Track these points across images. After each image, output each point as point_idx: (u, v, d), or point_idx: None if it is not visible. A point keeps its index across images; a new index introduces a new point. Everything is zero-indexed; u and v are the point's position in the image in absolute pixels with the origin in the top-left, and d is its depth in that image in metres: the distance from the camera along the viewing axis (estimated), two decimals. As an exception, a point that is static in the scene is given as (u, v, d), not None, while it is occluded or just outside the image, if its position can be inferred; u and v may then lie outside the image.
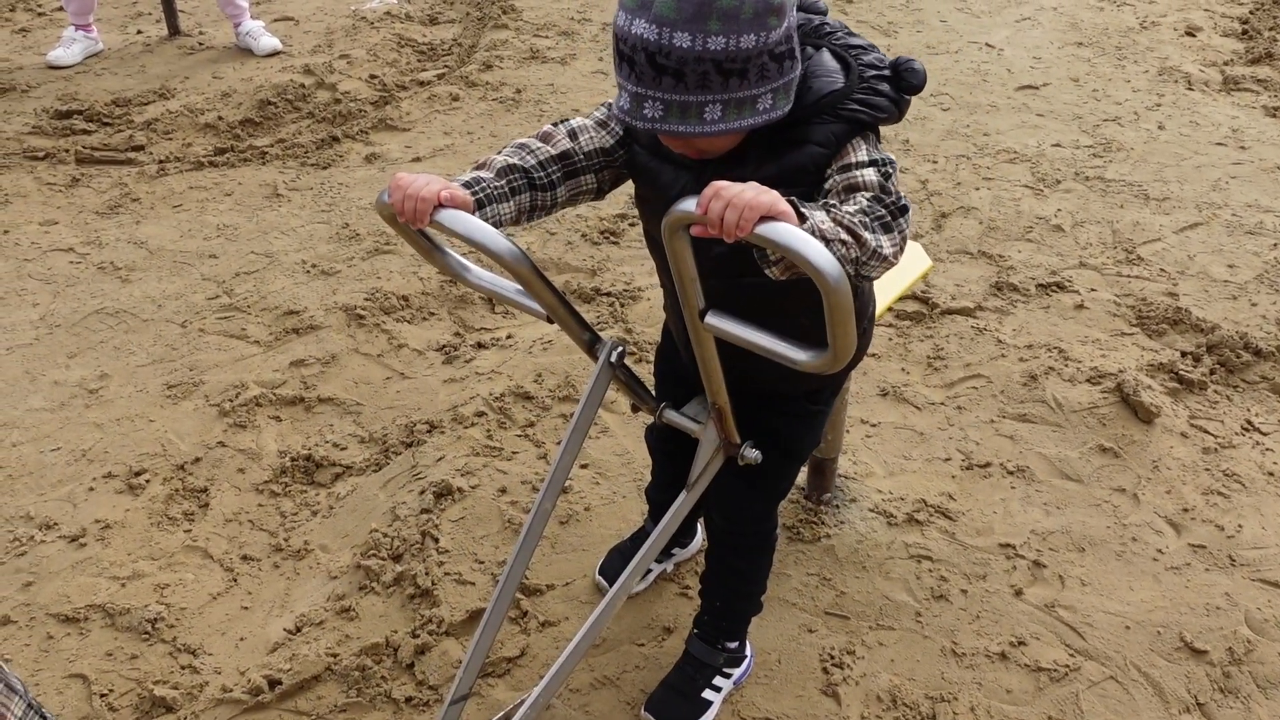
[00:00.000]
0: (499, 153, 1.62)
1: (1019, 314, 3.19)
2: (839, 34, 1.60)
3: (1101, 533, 2.45)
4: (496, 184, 1.56)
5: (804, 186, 1.53)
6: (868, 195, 1.46)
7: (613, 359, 1.74)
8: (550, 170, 1.62)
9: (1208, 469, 2.61)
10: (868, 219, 1.42)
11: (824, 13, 1.63)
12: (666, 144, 1.56)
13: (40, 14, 5.57)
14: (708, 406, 1.79)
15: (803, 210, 1.34)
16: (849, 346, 1.40)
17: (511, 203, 1.58)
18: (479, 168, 1.58)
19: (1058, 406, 2.82)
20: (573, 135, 1.65)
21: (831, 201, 1.43)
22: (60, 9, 5.59)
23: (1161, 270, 3.39)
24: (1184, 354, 2.99)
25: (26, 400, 2.87)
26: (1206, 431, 2.73)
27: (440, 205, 1.46)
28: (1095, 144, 4.17)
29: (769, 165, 1.54)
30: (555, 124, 1.68)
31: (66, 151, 4.15)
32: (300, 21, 5.45)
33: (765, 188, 1.30)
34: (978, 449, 2.70)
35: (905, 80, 1.54)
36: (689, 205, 1.35)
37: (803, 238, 1.30)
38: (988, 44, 5.11)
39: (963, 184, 3.91)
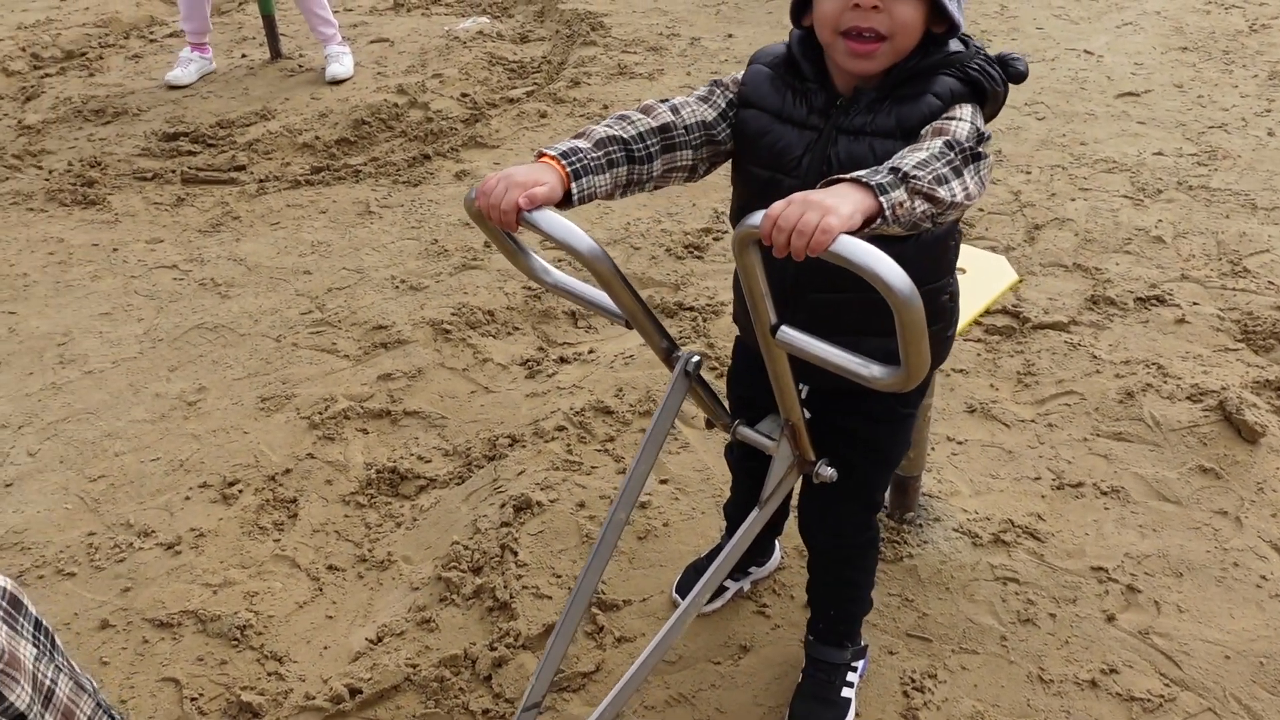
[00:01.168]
0: (599, 123, 1.62)
1: (1115, 329, 3.09)
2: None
3: (1201, 557, 2.34)
4: (594, 154, 1.55)
5: (916, 141, 1.54)
6: (944, 139, 1.45)
7: (689, 369, 1.73)
8: (649, 142, 1.60)
9: (1317, 492, 2.49)
10: (941, 165, 1.40)
11: None
12: (855, 12, 1.52)
13: (152, 40, 5.81)
14: (781, 423, 1.77)
15: (881, 199, 1.32)
16: (923, 364, 1.38)
17: (608, 175, 1.57)
18: (578, 136, 1.58)
19: (1156, 425, 2.71)
20: (674, 110, 1.64)
21: (901, 162, 1.39)
22: (172, 35, 5.84)
23: (1270, 283, 3.24)
24: (1293, 370, 2.86)
25: (130, 412, 2.98)
26: (1317, 452, 2.60)
27: (521, 211, 1.47)
28: (1200, 152, 4.02)
29: (887, 118, 1.56)
30: (657, 100, 1.67)
31: (173, 172, 4.32)
32: (395, 43, 5.58)
33: (837, 199, 1.29)
34: (1069, 468, 2.61)
35: (1011, 68, 1.61)
36: (756, 220, 1.34)
37: (873, 254, 1.28)
38: (1086, 50, 4.97)
39: (1058, 195, 3.80)
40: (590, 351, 3.12)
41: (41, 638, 1.29)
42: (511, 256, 1.68)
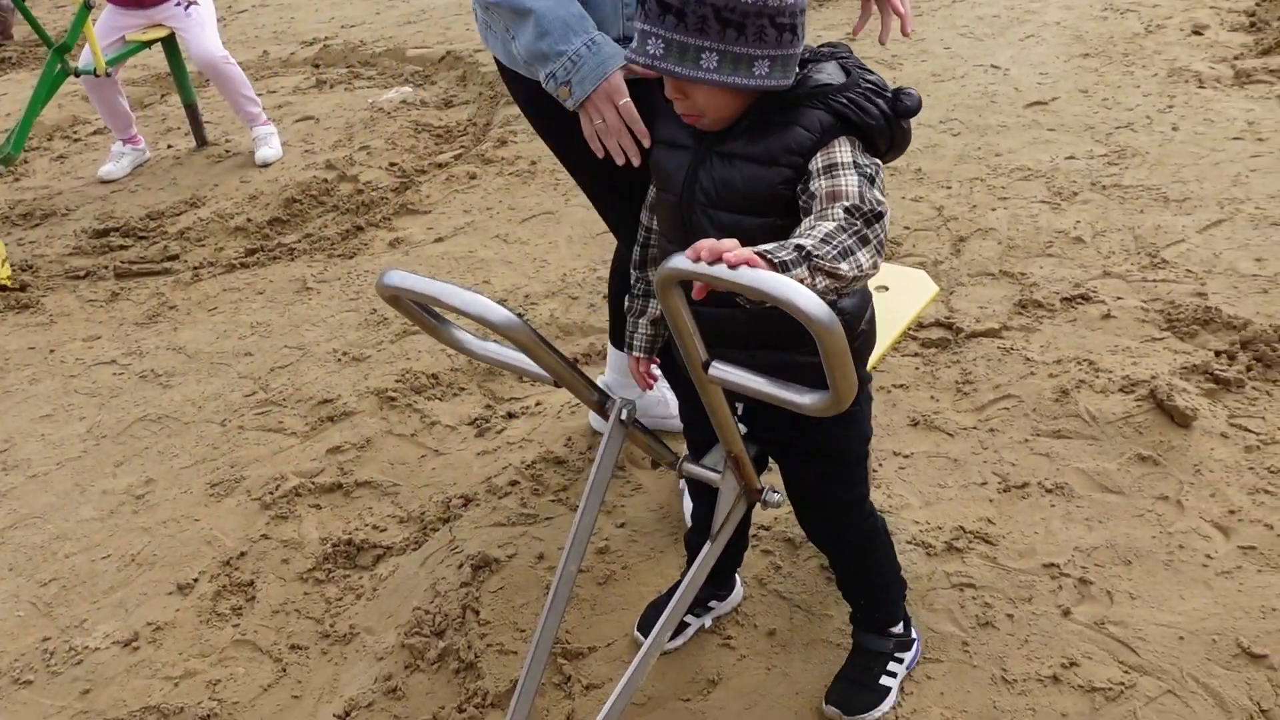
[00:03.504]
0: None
1: (1045, 330, 3.16)
2: (851, 59, 1.70)
3: (1147, 543, 2.40)
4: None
5: (785, 168, 1.61)
6: (845, 205, 1.51)
7: (623, 417, 1.76)
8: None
9: (1252, 468, 2.56)
10: (846, 237, 1.45)
11: (848, 53, 1.73)
12: (671, 98, 1.64)
13: (76, 140, 5.81)
14: (724, 455, 1.80)
15: (782, 264, 1.37)
16: (850, 386, 1.41)
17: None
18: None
19: (1092, 419, 2.78)
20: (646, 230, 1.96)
21: (805, 239, 1.45)
22: (96, 133, 5.83)
23: (1188, 271, 3.35)
24: (1218, 353, 2.94)
25: (77, 511, 2.95)
26: (1248, 430, 2.67)
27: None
28: (1109, 152, 4.15)
29: (757, 145, 1.63)
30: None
31: (106, 268, 4.30)
32: (320, 119, 5.62)
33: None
34: (1014, 470, 2.66)
35: (900, 103, 1.64)
36: (677, 262, 1.37)
37: (791, 286, 1.30)
38: (993, 65, 5.13)
39: (978, 206, 3.90)
40: (537, 404, 3.14)
41: None
42: (432, 332, 1.71)
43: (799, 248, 1.42)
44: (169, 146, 5.55)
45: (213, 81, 5.11)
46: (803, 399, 1.47)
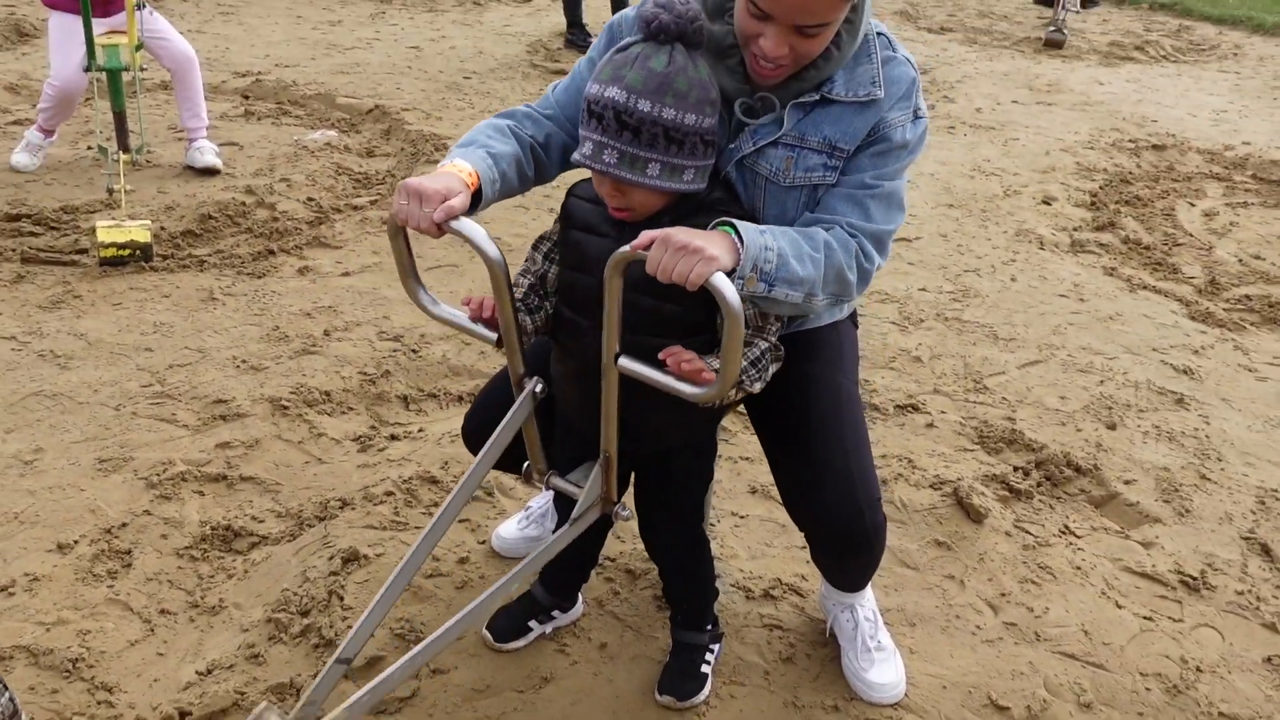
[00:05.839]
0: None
1: (877, 429, 3.61)
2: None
3: (931, 611, 2.80)
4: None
5: None
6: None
7: (536, 391, 2.06)
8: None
9: (1025, 562, 3.01)
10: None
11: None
12: (606, 196, 1.94)
13: (-6, 126, 5.89)
14: (595, 463, 2.12)
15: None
16: (734, 374, 1.78)
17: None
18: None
19: (903, 506, 3.20)
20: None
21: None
22: (15, 123, 5.93)
23: (1004, 398, 3.86)
24: (1016, 468, 3.43)
25: (-37, 468, 3.09)
26: (1028, 532, 3.13)
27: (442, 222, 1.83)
28: (956, 290, 4.71)
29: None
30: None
31: (13, 250, 4.43)
32: (245, 147, 5.85)
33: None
34: (831, 540, 3.05)
35: None
36: (627, 250, 1.75)
37: (719, 277, 1.71)
38: (870, 201, 5.70)
39: (838, 318, 4.38)
40: (420, 430, 3.42)
41: None
42: (403, 279, 1.96)
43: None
44: (89, 148, 5.69)
45: (178, 82, 5.31)
46: (690, 389, 1.84)
